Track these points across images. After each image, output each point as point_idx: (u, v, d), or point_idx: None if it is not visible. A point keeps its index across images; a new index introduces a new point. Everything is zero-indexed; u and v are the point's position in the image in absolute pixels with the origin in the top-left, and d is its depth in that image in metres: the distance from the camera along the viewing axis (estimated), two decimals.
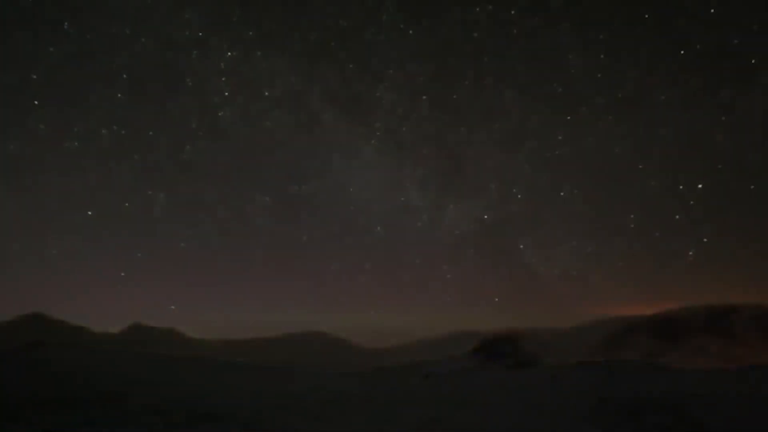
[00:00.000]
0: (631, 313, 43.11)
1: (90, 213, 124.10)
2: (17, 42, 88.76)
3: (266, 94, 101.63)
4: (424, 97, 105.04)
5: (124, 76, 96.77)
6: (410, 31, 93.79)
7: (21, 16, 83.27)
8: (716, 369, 30.03)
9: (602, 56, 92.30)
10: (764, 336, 32.44)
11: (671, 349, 33.14)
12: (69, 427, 24.66)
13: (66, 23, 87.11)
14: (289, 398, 29.68)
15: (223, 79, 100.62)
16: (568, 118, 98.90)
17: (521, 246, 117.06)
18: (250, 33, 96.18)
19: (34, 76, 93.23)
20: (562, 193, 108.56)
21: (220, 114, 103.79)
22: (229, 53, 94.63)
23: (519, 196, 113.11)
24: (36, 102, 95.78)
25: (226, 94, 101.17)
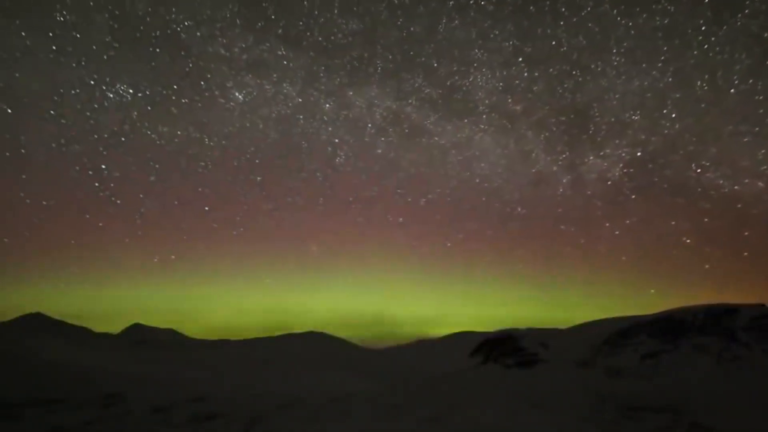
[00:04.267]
0: (631, 314, 42.98)
1: (268, 281, 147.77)
2: (176, 164, 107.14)
3: (369, 125, 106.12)
4: (520, 59, 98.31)
5: (257, 161, 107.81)
6: (482, 3, 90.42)
7: (165, 139, 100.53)
8: (716, 369, 29.98)
9: None
10: (764, 336, 32.40)
11: (671, 349, 33.08)
12: (69, 427, 24.64)
13: (206, 138, 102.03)
14: (289, 398, 29.65)
15: (330, 129, 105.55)
16: (706, 0, 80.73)
17: (697, 170, 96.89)
18: (338, 80, 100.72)
19: (200, 189, 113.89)
20: (732, 90, 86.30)
21: (337, 160, 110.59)
22: (327, 105, 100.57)
23: (673, 115, 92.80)
24: (206, 208, 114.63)
25: (336, 140, 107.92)
